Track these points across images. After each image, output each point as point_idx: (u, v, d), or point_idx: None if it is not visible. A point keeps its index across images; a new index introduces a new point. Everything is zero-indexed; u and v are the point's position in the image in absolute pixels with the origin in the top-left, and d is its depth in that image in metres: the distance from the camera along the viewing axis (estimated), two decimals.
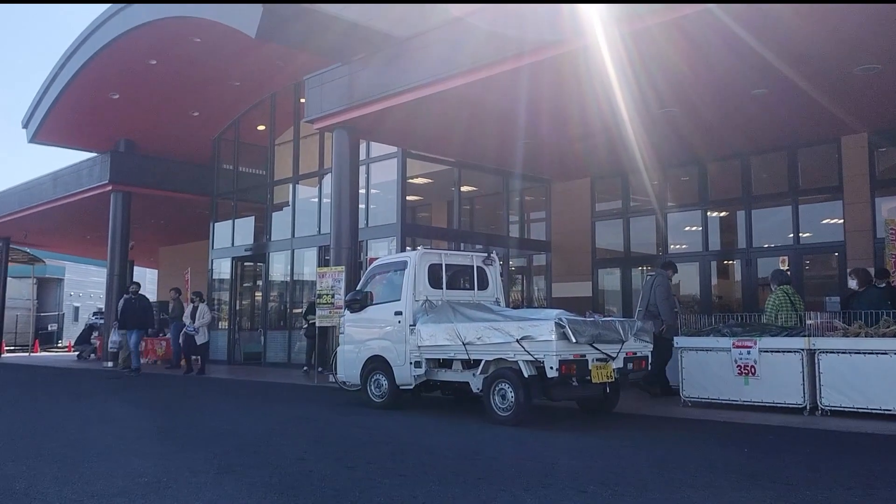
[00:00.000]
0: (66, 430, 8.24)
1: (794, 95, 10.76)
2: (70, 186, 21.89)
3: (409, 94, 11.63)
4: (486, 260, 10.69)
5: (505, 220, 17.57)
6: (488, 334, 8.65)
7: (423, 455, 6.58)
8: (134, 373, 16.17)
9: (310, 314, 15.95)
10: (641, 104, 10.81)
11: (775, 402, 8.87)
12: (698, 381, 9.55)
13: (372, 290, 10.52)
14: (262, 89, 19.07)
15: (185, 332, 16.72)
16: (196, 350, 16.77)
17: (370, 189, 16.15)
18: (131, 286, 17.40)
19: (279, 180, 19.46)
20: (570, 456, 6.62)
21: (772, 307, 9.97)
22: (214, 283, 21.46)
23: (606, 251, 16.68)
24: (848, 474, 5.79)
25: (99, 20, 16.92)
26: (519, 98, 11.25)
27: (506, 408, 8.42)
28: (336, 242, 13.58)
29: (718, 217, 15.16)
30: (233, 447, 6.98)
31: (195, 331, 16.41)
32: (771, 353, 8.94)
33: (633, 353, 8.70)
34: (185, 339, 16.80)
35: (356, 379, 10.38)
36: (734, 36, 8.50)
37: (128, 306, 16.68)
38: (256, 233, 20.30)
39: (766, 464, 6.20)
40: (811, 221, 13.71)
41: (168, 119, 20.16)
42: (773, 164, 14.13)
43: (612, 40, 8.95)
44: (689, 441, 7.43)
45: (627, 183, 16.10)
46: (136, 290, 16.95)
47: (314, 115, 13.55)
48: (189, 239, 27.07)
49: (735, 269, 14.94)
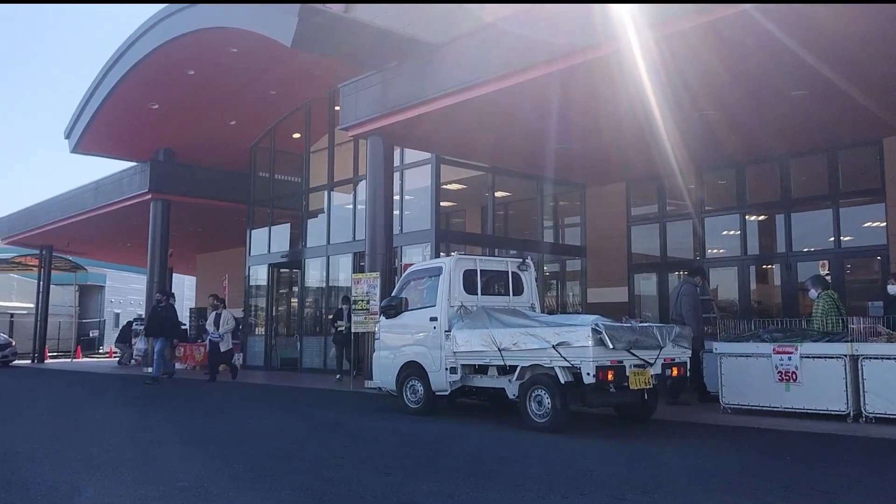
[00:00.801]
0: (107, 436, 8.39)
1: (834, 96, 10.56)
2: (111, 195, 22.32)
3: (442, 100, 11.66)
4: (520, 265, 10.66)
5: (539, 225, 17.51)
6: (524, 340, 8.61)
7: (459, 461, 6.57)
8: (151, 382, 15.75)
9: (338, 321, 16.05)
10: (676, 107, 10.68)
11: (817, 409, 8.70)
12: (738, 387, 9.41)
13: (407, 296, 10.54)
14: (298, 98, 19.28)
15: (210, 340, 16.81)
16: (220, 357, 16.75)
17: (404, 195, 16.21)
18: (157, 294, 17.23)
19: (314, 187, 19.65)
20: (608, 463, 6.56)
21: (822, 313, 9.79)
22: (251, 290, 21.71)
23: (643, 256, 16.52)
24: (892, 483, 5.65)
25: (137, 32, 17.26)
26: (551, 103, 11.22)
27: (542, 414, 8.38)
28: (371, 249, 13.65)
29: (757, 221, 14.93)
30: (270, 452, 7.05)
31: (219, 337, 16.42)
32: (812, 358, 8.77)
33: (672, 359, 8.60)
34: (210, 346, 16.89)
35: (392, 385, 10.41)
36: (772, 37, 8.38)
37: (154, 314, 16.69)
38: (292, 239, 20.50)
39: (808, 472, 6.09)
40: (852, 224, 13.42)
41: (206, 128, 20.48)
42: (813, 166, 13.88)
43: (645, 44, 8.88)
44: (728, 448, 7.31)
45: (663, 187, 15.94)
46: (164, 299, 16.86)
47: (349, 122, 13.65)
48: (226, 246, 27.42)
49: (774, 274, 14.68)
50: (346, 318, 15.71)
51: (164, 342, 16.55)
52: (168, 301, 16.82)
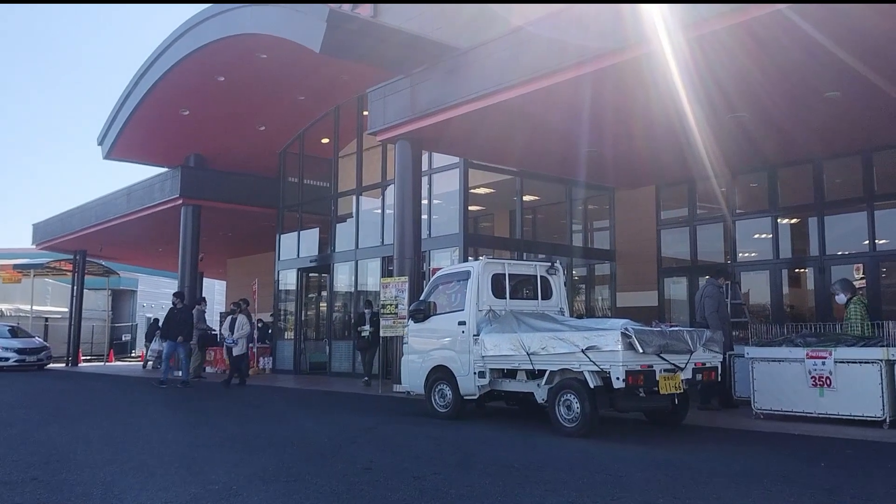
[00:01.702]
0: (141, 438, 8.50)
1: (870, 97, 10.37)
2: (143, 200, 22.64)
3: (470, 104, 11.66)
4: (549, 269, 10.62)
5: (568, 228, 17.43)
6: (553, 344, 8.58)
7: (489, 466, 6.55)
8: (158, 384, 15.76)
9: (360, 325, 16.01)
10: (709, 109, 10.57)
11: (852, 415, 8.56)
12: (771, 392, 9.28)
13: (435, 300, 10.55)
14: (327, 103, 19.42)
15: (226, 345, 16.76)
16: (233, 362, 16.75)
17: (432, 199, 16.24)
18: (174, 298, 17.07)
19: (343, 192, 19.76)
20: (639, 468, 6.50)
21: (860, 318, 9.63)
22: (281, 294, 21.88)
23: (673, 260, 16.36)
24: None
25: (168, 40, 17.52)
26: (581, 106, 11.16)
27: (571, 419, 8.33)
28: (399, 253, 13.68)
29: (789, 224, 14.72)
30: (301, 455, 7.09)
31: (234, 342, 16.38)
32: (847, 363, 8.63)
33: (703, 364, 8.52)
34: (227, 351, 16.90)
35: (420, 389, 10.42)
36: (807, 37, 8.23)
37: (170, 317, 16.60)
38: (321, 244, 20.63)
39: (844, 478, 5.98)
40: (888, 227, 13.16)
41: (236, 134, 20.71)
42: (847, 168, 13.65)
43: (677, 46, 8.79)
44: (761, 454, 7.21)
45: (694, 190, 15.78)
46: (181, 301, 16.79)
47: (377, 126, 13.71)
48: (256, 251, 27.67)
49: (807, 278, 14.45)
50: (368, 322, 15.72)
51: (184, 345, 16.45)
52: (184, 304, 16.73)
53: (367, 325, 15.68)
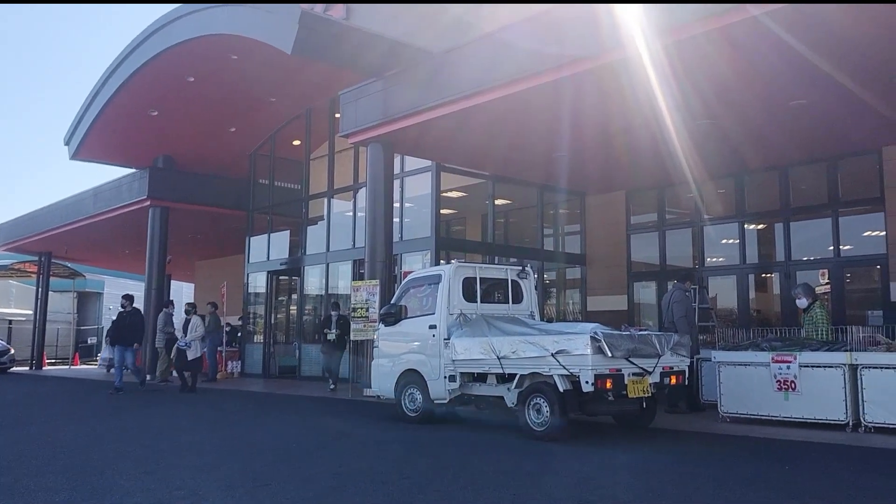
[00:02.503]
0: (102, 444, 8.37)
1: (839, 103, 10.57)
2: (110, 202, 22.31)
3: (443, 108, 11.67)
4: (520, 273, 10.65)
5: (539, 233, 17.51)
6: (523, 348, 8.61)
7: (459, 470, 6.55)
8: (115, 392, 14.82)
9: (326, 328, 15.70)
10: (679, 115, 10.64)
11: (816, 418, 8.69)
12: (737, 396, 9.39)
13: (406, 303, 10.53)
14: (298, 105, 19.30)
15: (177, 347, 15.78)
16: (188, 366, 15.66)
17: (404, 203, 16.21)
18: (123, 300, 16.02)
19: (314, 194, 19.65)
20: (608, 472, 6.54)
21: (824, 321, 9.80)
22: (250, 297, 21.69)
23: (642, 264, 16.52)
24: (893, 493, 5.63)
25: (137, 39, 17.29)
26: (554, 111, 11.24)
27: (541, 422, 8.36)
28: (370, 256, 13.64)
29: (756, 229, 14.94)
30: (268, 461, 7.02)
31: (187, 345, 15.41)
32: (811, 367, 8.76)
33: (670, 368, 8.60)
34: (177, 354, 15.81)
35: (390, 393, 10.38)
36: (782, 43, 8.31)
37: (119, 321, 15.58)
38: (292, 247, 20.49)
39: (808, 482, 6.06)
40: (852, 234, 13.43)
41: (205, 135, 20.50)
42: (812, 175, 13.89)
43: (654, 51, 8.85)
44: (728, 457, 7.29)
45: (663, 195, 15.96)
46: (130, 304, 15.73)
47: (349, 129, 13.67)
48: (225, 253, 27.41)
49: (773, 283, 14.68)
50: (335, 325, 15.50)
51: (132, 351, 15.50)
52: (133, 307, 15.76)
53: (334, 328, 15.48)
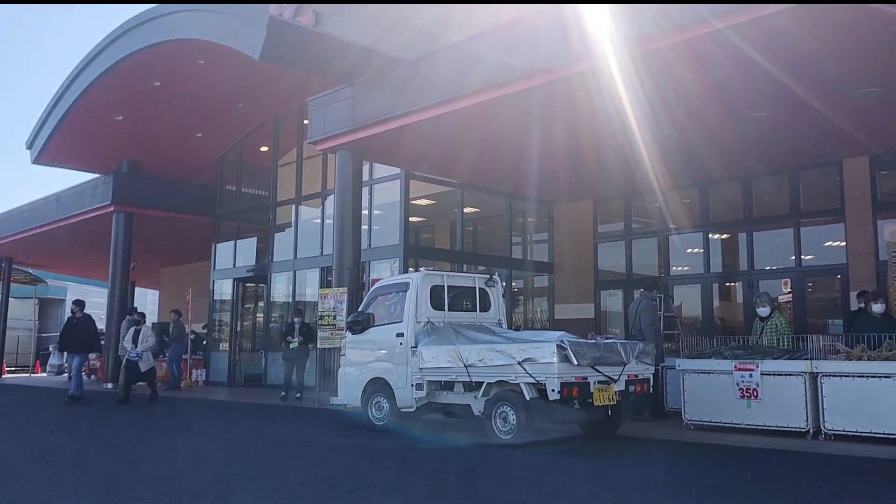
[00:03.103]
0: (63, 453, 8.20)
1: (800, 116, 10.78)
2: (73, 207, 21.92)
3: (413, 116, 11.67)
4: (488, 281, 10.68)
5: (508, 241, 17.58)
6: (490, 356, 8.63)
7: (426, 479, 6.53)
8: (72, 401, 14.07)
9: (289, 336, 15.48)
10: (647, 126, 10.73)
11: (778, 426, 8.81)
12: (701, 403, 9.49)
13: (374, 311, 10.49)
14: (266, 111, 19.17)
15: (127, 359, 14.73)
16: (140, 377, 14.88)
17: (373, 210, 16.16)
18: (73, 306, 15.16)
19: (282, 201, 19.51)
20: (574, 479, 6.57)
21: (785, 329, 9.95)
22: (215, 305, 21.44)
23: (609, 273, 16.66)
24: (852, 500, 5.73)
25: (103, 43, 17.04)
26: (524, 121, 11.31)
27: (507, 430, 8.38)
28: (338, 263, 13.56)
29: (720, 239, 15.16)
30: (233, 470, 6.94)
31: (138, 356, 14.57)
32: (773, 375, 8.89)
33: (636, 376, 8.67)
34: (127, 365, 14.67)
35: (357, 401, 10.33)
36: (744, 57, 8.47)
37: (70, 327, 14.79)
38: (258, 254, 20.30)
39: (769, 489, 6.15)
40: (813, 244, 13.68)
41: (171, 140, 20.25)
42: (775, 186, 14.13)
43: (622, 61, 8.94)
44: (691, 464, 7.37)
45: (630, 205, 16.13)
46: (80, 310, 14.87)
47: (317, 136, 13.60)
48: (191, 260, 27.06)
49: (737, 292, 14.90)
50: (297, 333, 15.28)
51: (80, 358, 14.84)
52: (83, 312, 14.93)
53: (297, 335, 15.26)
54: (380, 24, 13.77)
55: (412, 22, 13.11)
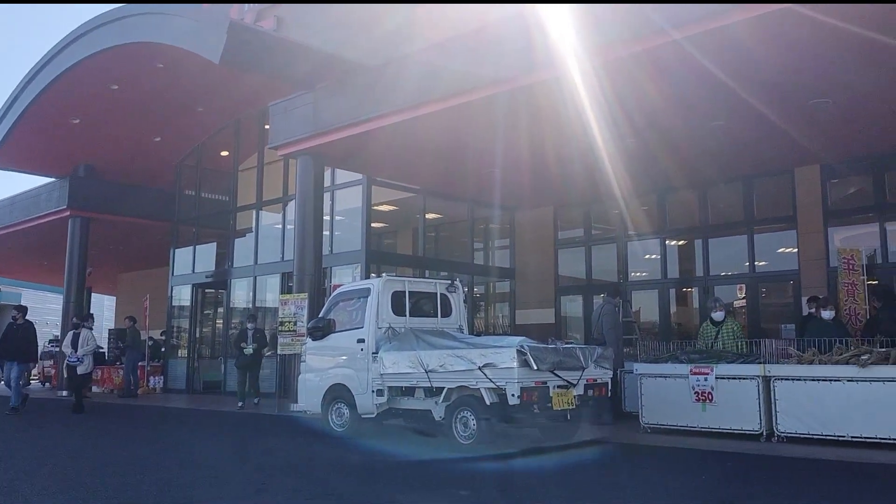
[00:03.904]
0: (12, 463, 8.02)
1: (754, 127, 11.04)
2: (27, 212, 21.48)
3: (376, 122, 11.67)
4: (449, 287, 10.72)
5: (470, 247, 17.65)
6: (451, 362, 8.67)
7: (386, 485, 6.53)
8: (11, 412, 13.36)
9: (242, 342, 15.10)
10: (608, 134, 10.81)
11: (732, 429, 8.98)
12: (658, 407, 9.63)
13: (335, 317, 10.46)
14: (226, 115, 18.99)
15: (67, 363, 14.49)
16: (76, 382, 14.46)
17: (335, 216, 16.11)
18: (14, 311, 14.53)
19: (242, 206, 19.32)
20: (535, 483, 6.63)
21: (741, 335, 10.15)
22: (174, 311, 21.14)
23: (569, 278, 16.83)
24: (804, 501, 5.88)
25: (59, 45, 16.76)
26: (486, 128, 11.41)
27: (468, 435, 8.43)
28: (299, 269, 13.49)
29: (677, 245, 15.42)
30: (191, 478, 6.86)
31: (78, 360, 14.15)
32: (727, 379, 9.07)
33: (594, 380, 8.79)
34: (68, 370, 14.49)
35: (317, 408, 10.28)
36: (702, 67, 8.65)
37: (9, 334, 14.17)
38: (218, 259, 20.09)
39: (722, 491, 6.28)
40: (767, 250, 13.99)
41: (129, 144, 19.95)
42: (730, 194, 14.42)
43: (585, 70, 9.06)
44: (648, 467, 7.49)
45: (590, 212, 16.33)
46: (22, 316, 14.21)
47: (279, 141, 13.53)
48: (149, 265, 26.65)
49: (693, 297, 15.17)
50: (250, 339, 14.97)
51: (20, 367, 14.18)
52: (24, 318, 14.27)
53: (250, 341, 14.98)
54: (343, 29, 13.74)
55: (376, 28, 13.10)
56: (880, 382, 8.04)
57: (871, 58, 8.68)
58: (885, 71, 9.06)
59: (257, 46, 12.14)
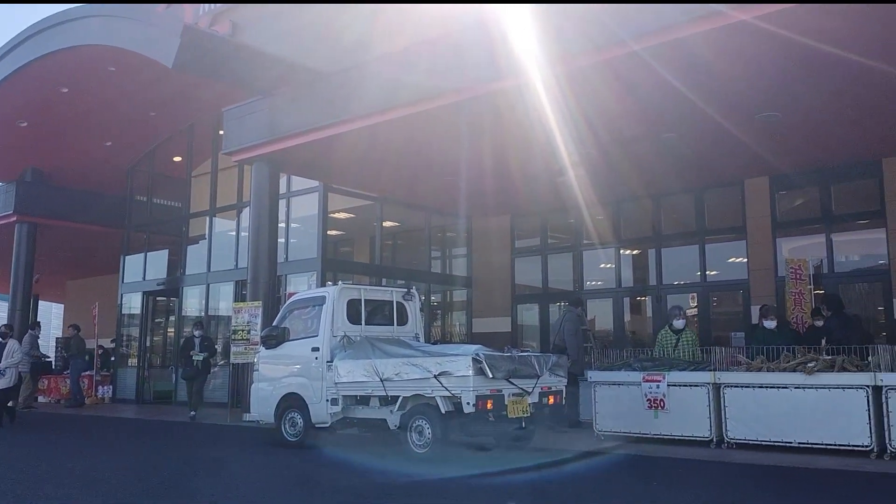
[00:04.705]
0: None
1: (707, 138, 11.25)
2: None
3: (333, 128, 11.60)
4: (405, 295, 10.70)
5: (427, 255, 17.64)
6: (406, 370, 8.64)
7: (338, 495, 6.47)
8: None
9: (189, 350, 14.58)
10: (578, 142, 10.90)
11: (684, 435, 9.10)
12: (611, 414, 9.71)
13: (289, 325, 10.34)
14: (180, 120, 18.69)
15: None
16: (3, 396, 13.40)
17: (290, 223, 15.96)
18: None
19: (195, 213, 19.01)
20: (488, 493, 6.63)
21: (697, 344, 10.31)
22: (124, 319, 20.68)
23: (526, 287, 16.92)
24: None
25: (7, 46, 16.31)
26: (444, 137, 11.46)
27: (423, 444, 8.40)
28: (253, 277, 13.33)
29: (631, 255, 15.62)
30: (139, 490, 6.71)
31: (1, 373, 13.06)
32: (679, 386, 9.19)
33: (549, 388, 8.84)
34: None
35: (270, 417, 10.14)
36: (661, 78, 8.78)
37: None
38: (170, 266, 19.71)
39: (674, 497, 6.35)
40: (718, 260, 14.27)
41: (79, 148, 19.49)
42: (683, 204, 14.68)
43: (547, 79, 9.13)
44: (602, 474, 7.54)
45: (546, 220, 16.46)
46: None
47: (233, 147, 13.37)
48: (99, 272, 26.05)
49: (647, 306, 15.37)
50: (198, 347, 14.51)
51: None
52: None
53: (198, 349, 14.48)
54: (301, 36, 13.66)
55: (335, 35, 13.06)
56: (826, 389, 8.21)
57: (821, 72, 8.90)
58: (834, 84, 9.28)
59: (212, 51, 11.98)
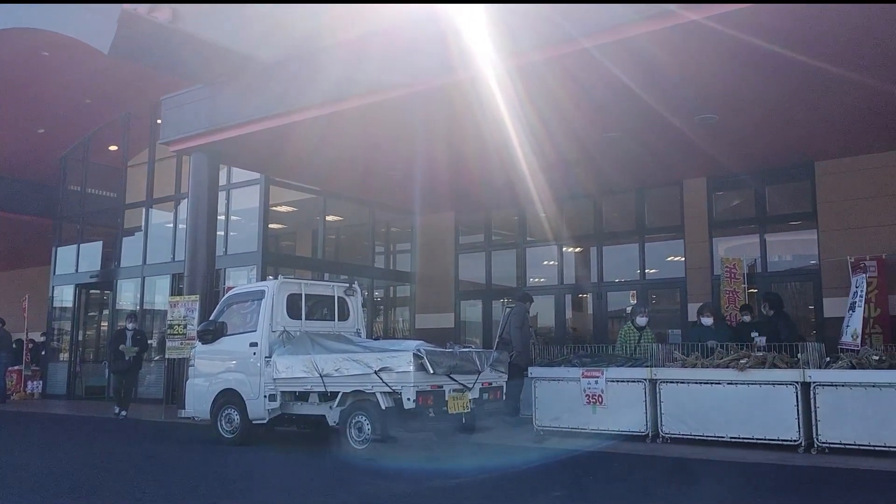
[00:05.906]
0: None
1: (649, 138, 11.41)
2: None
3: (275, 119, 11.37)
4: (347, 290, 10.60)
5: (371, 250, 17.53)
6: (347, 366, 8.56)
7: (272, 492, 6.37)
8: None
9: (121, 343, 13.97)
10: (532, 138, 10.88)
11: (621, 430, 9.23)
12: (551, 409, 9.78)
13: (227, 320, 10.14)
14: (116, 108, 18.13)
15: None
16: None
17: (230, 215, 15.65)
18: None
19: (131, 204, 18.47)
20: (430, 486, 6.61)
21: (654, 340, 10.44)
22: (55, 312, 20.00)
23: (469, 283, 16.96)
24: (682, 499, 6.09)
25: None
26: (389, 131, 11.34)
27: (362, 440, 8.35)
28: (191, 270, 13.02)
29: (573, 252, 15.80)
30: (62, 489, 6.48)
31: None
32: (617, 382, 9.33)
33: (489, 383, 8.87)
34: None
35: (206, 414, 9.93)
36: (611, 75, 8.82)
37: None
38: (104, 258, 19.11)
39: (606, 489, 6.44)
40: (656, 258, 14.54)
41: (9, 135, 18.73)
42: (623, 204, 14.91)
43: (499, 73, 9.09)
44: (540, 469, 7.59)
45: (490, 217, 16.52)
46: None
47: (171, 136, 13.03)
48: (29, 264, 25.17)
49: (588, 303, 15.58)
50: (129, 340, 13.95)
51: None
52: None
53: (130, 343, 13.89)
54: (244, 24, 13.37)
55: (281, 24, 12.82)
56: (757, 385, 8.44)
57: (767, 73, 9.03)
58: (778, 86, 9.42)
59: (151, 38, 11.59)
